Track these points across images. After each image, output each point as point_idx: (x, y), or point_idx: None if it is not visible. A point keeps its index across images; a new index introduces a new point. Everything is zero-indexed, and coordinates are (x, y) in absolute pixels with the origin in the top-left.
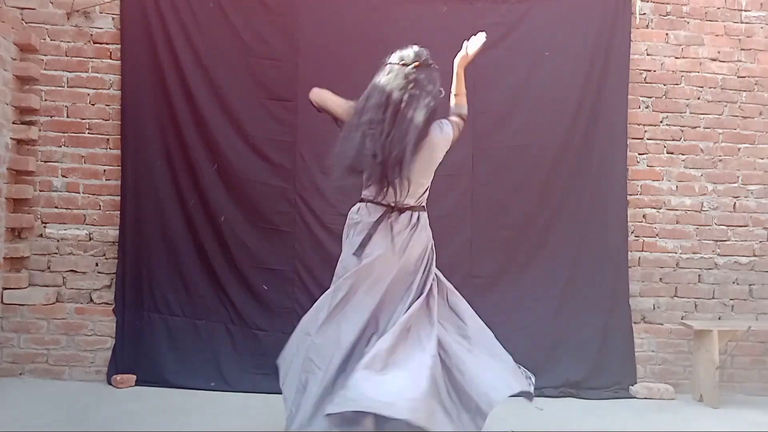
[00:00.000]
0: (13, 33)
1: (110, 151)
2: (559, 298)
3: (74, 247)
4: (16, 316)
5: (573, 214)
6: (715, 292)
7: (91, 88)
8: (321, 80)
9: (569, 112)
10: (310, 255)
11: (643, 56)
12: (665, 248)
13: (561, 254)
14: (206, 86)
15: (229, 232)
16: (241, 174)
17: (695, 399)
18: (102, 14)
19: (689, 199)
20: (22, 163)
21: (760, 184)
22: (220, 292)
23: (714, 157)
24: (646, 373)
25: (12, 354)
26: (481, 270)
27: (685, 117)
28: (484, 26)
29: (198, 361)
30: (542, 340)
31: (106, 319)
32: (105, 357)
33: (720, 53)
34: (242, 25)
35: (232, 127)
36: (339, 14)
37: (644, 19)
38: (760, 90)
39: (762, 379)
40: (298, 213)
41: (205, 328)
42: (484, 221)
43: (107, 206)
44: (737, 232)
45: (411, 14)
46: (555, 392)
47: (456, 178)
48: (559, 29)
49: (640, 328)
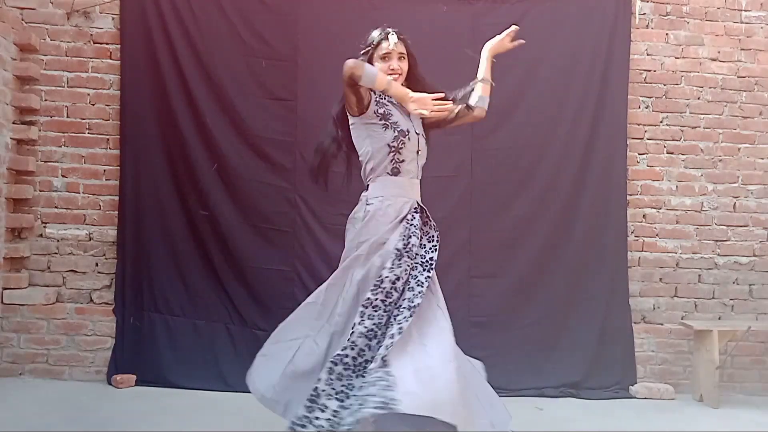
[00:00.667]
0: (13, 33)
1: (110, 151)
2: (559, 298)
3: (74, 247)
4: (16, 316)
5: (573, 214)
6: (715, 292)
7: (91, 88)
8: (321, 80)
9: (569, 113)
10: (310, 255)
11: (643, 56)
12: (665, 248)
13: (561, 254)
14: (206, 86)
15: (229, 232)
16: (241, 174)
17: (695, 399)
18: (102, 14)
19: (689, 199)
20: (22, 163)
21: (760, 184)
22: (220, 292)
23: (714, 157)
24: (646, 373)
25: (12, 354)
26: (480, 270)
27: (685, 117)
28: (484, 26)
29: (198, 361)
30: (542, 340)
31: (106, 319)
32: (105, 357)
33: (720, 53)
34: (242, 25)
35: (232, 127)
36: (339, 14)
37: (644, 19)
38: (760, 90)
39: (762, 379)
40: (298, 213)
41: (205, 328)
42: (483, 222)
43: (107, 206)
44: (737, 232)
45: (411, 14)
46: (555, 392)
47: (455, 179)
48: (558, 29)
49: (640, 328)
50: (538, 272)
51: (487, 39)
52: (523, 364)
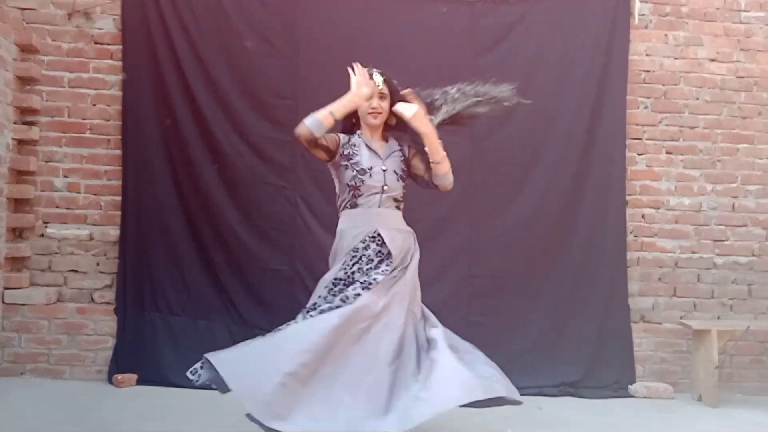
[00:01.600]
0: (14, 33)
1: (111, 152)
2: (559, 298)
3: (75, 247)
4: (17, 316)
5: (572, 214)
6: (714, 291)
7: (92, 88)
8: (321, 80)
9: (568, 113)
10: (310, 255)
11: (642, 57)
12: (664, 248)
13: (560, 254)
14: (207, 86)
15: (230, 232)
16: (242, 173)
17: (694, 398)
18: (103, 15)
19: (688, 199)
20: (23, 163)
21: (759, 184)
22: (221, 292)
23: (713, 157)
24: (645, 372)
25: (13, 354)
26: (480, 270)
27: (684, 117)
28: (484, 26)
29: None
30: (541, 339)
31: (107, 318)
32: (106, 356)
33: (719, 54)
34: (243, 25)
35: (233, 127)
36: (339, 14)
37: (643, 19)
38: (759, 90)
39: (761, 379)
40: (298, 212)
41: (205, 328)
42: (483, 222)
43: (108, 206)
44: (736, 232)
45: (411, 14)
46: (554, 391)
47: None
48: (558, 30)
49: (639, 327)
50: (537, 272)
51: (487, 39)
52: (523, 364)
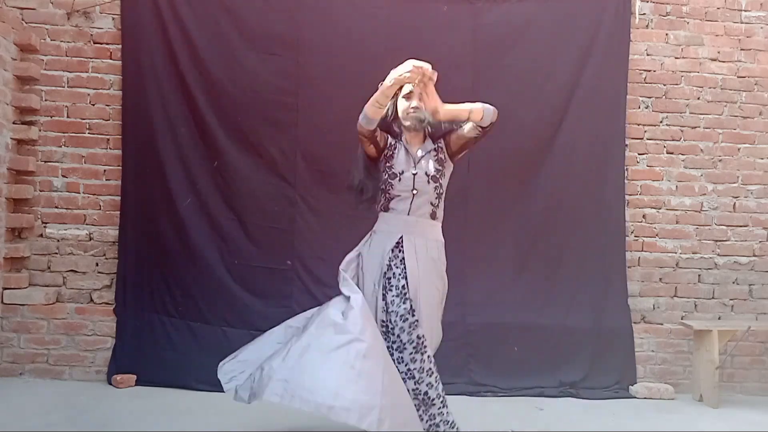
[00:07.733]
0: (13, 33)
1: (110, 151)
2: (559, 298)
3: (74, 247)
4: (16, 316)
5: (572, 214)
6: (715, 292)
7: (92, 88)
8: (321, 80)
9: (568, 113)
10: (310, 254)
11: (643, 56)
12: (665, 248)
13: (560, 255)
14: (206, 85)
15: (229, 232)
16: (241, 173)
17: (695, 399)
18: (102, 14)
19: (689, 199)
20: (23, 163)
21: (760, 184)
22: (221, 292)
23: (714, 157)
24: (646, 372)
25: (12, 354)
26: (479, 270)
27: (685, 117)
28: (484, 26)
29: (198, 361)
30: (542, 340)
31: (107, 319)
32: (105, 357)
33: (720, 53)
34: (242, 25)
35: (232, 126)
36: (340, 14)
37: (644, 19)
38: (759, 90)
39: (761, 379)
40: (297, 212)
41: (204, 328)
42: (482, 222)
43: (107, 206)
44: (737, 232)
45: (411, 14)
46: (555, 392)
47: (452, 180)
48: (558, 29)
49: (639, 328)
50: (537, 272)
51: (487, 38)
52: (523, 364)
